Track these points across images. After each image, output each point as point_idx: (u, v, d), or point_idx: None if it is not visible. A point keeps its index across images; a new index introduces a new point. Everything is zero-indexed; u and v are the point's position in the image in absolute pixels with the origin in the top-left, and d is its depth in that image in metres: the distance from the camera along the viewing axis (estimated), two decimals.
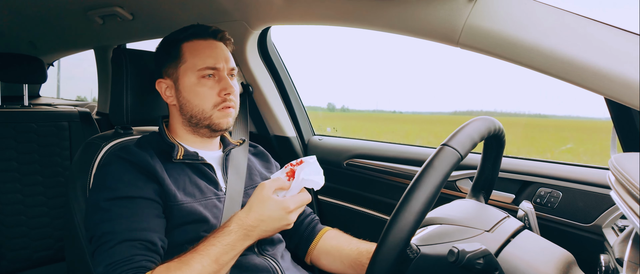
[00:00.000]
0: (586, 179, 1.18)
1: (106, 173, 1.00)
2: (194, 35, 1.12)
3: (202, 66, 1.09)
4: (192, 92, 1.09)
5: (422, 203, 0.64)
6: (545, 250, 0.82)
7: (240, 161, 1.20)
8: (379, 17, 1.15)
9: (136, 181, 0.98)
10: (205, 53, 1.10)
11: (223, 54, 1.12)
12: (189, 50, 1.11)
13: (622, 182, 0.68)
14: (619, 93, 0.80)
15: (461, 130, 0.72)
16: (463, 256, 0.65)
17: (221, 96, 1.09)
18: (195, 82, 1.09)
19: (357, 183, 1.69)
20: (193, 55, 1.10)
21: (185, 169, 1.08)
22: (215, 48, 1.12)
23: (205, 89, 1.09)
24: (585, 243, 1.14)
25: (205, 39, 1.12)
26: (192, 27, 1.14)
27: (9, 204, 1.95)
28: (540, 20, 0.90)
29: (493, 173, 1.00)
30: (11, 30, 2.43)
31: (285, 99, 1.85)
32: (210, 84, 1.09)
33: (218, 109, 1.10)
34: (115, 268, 0.88)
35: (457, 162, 0.66)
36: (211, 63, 1.09)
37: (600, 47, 0.83)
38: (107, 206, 0.95)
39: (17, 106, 2.12)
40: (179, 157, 1.07)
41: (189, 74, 1.10)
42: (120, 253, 0.89)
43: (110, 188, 0.97)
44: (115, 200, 0.96)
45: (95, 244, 0.93)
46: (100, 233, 0.93)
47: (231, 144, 1.23)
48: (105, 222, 0.93)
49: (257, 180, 1.22)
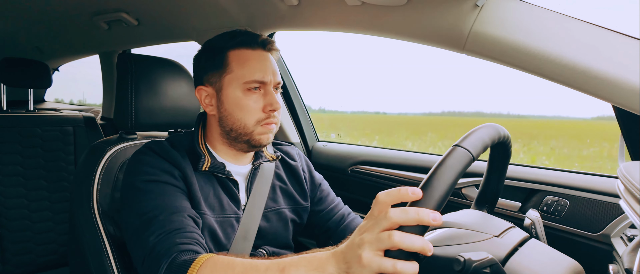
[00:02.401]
0: (594, 188, 1.17)
1: (141, 160, 0.98)
2: (243, 44, 1.04)
3: (250, 79, 1.01)
4: (236, 105, 1.02)
5: (435, 201, 0.63)
6: (553, 260, 0.81)
7: (267, 179, 1.14)
8: (384, 24, 1.15)
9: (170, 173, 0.97)
10: (253, 65, 1.02)
11: (271, 67, 1.05)
12: (236, 59, 1.03)
13: (632, 191, 0.67)
14: (625, 100, 0.79)
15: (473, 133, 0.71)
16: (469, 265, 0.64)
17: (266, 111, 1.02)
18: (240, 96, 1.02)
19: (362, 190, 1.68)
20: (240, 66, 1.02)
21: (211, 179, 1.04)
22: (264, 60, 1.04)
23: (250, 103, 1.01)
24: (594, 252, 1.13)
25: (254, 49, 1.04)
26: (241, 34, 1.05)
27: (13, 208, 1.96)
28: (546, 27, 0.89)
29: (499, 183, 0.99)
30: (17, 35, 2.44)
31: (290, 106, 1.85)
32: (256, 98, 1.02)
33: (261, 125, 1.03)
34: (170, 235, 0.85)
35: (469, 163, 0.65)
36: (259, 77, 1.01)
37: (606, 54, 0.82)
38: (146, 187, 0.93)
39: (22, 111, 2.14)
40: (205, 168, 1.02)
41: (234, 86, 1.02)
42: (175, 223, 0.87)
43: (147, 173, 0.95)
44: (152, 182, 0.94)
45: (140, 220, 0.89)
46: (144, 210, 0.90)
47: (264, 157, 1.16)
48: (147, 201, 0.91)
49: (281, 203, 1.16)
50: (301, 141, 1.88)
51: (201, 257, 0.79)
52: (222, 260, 0.77)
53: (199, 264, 0.77)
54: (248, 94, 1.02)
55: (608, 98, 0.82)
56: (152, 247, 0.84)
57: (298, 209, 1.19)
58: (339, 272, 0.65)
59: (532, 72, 0.92)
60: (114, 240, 1.09)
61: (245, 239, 1.04)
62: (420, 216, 0.59)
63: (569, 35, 0.87)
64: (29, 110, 2.20)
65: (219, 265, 0.76)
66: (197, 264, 0.77)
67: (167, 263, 0.80)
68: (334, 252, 0.67)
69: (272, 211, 1.12)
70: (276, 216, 1.13)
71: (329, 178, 1.84)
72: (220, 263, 0.77)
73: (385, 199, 0.64)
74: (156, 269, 0.81)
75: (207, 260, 0.78)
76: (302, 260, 0.69)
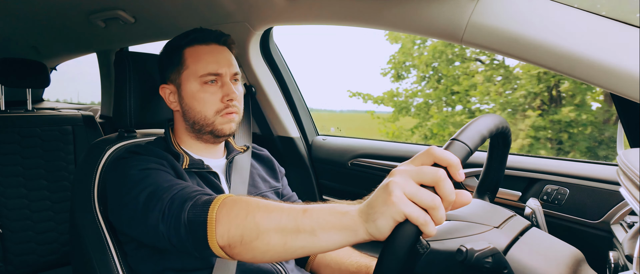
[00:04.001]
0: (594, 176, 1.17)
1: (127, 160, 0.99)
2: (196, 41, 1.10)
3: (204, 72, 1.07)
4: (194, 98, 1.08)
5: None
6: (553, 248, 0.81)
7: (244, 168, 1.19)
8: (382, 16, 1.15)
9: (161, 163, 0.99)
10: (207, 59, 1.08)
11: (226, 59, 1.10)
12: (190, 56, 1.09)
13: (632, 178, 0.68)
14: (624, 88, 0.80)
15: (470, 125, 0.72)
16: (471, 255, 0.65)
17: (224, 102, 1.08)
18: (198, 89, 1.08)
19: (362, 183, 1.69)
20: (195, 62, 1.08)
21: (193, 176, 1.08)
22: (217, 53, 1.10)
23: (208, 95, 1.07)
24: (594, 240, 1.13)
25: (207, 44, 1.10)
26: (193, 32, 1.12)
27: (14, 209, 1.96)
28: (544, 17, 0.89)
29: (499, 173, 1.00)
30: (14, 35, 2.43)
31: (289, 100, 1.85)
32: (213, 90, 1.08)
33: (221, 115, 1.08)
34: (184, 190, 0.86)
35: (467, 156, 0.66)
36: (213, 69, 1.07)
37: (604, 42, 0.82)
38: (141, 174, 0.94)
39: (21, 111, 2.13)
40: (185, 166, 1.06)
41: (191, 80, 1.08)
42: (184, 185, 0.88)
43: (138, 165, 0.96)
44: (147, 170, 0.95)
45: (147, 192, 0.89)
46: (147, 185, 0.91)
47: (235, 150, 1.22)
48: (148, 179, 0.92)
49: (261, 187, 1.21)
50: (301, 135, 1.88)
51: (221, 195, 0.80)
52: (246, 197, 0.78)
53: (223, 197, 0.79)
54: (205, 87, 1.07)
55: (607, 86, 0.82)
56: (171, 198, 0.85)
57: (276, 190, 1.26)
58: (359, 217, 0.61)
59: (531, 62, 0.92)
60: (116, 237, 1.09)
61: None
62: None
63: (567, 24, 0.87)
64: (28, 110, 2.20)
65: (243, 199, 0.77)
66: (221, 198, 0.79)
67: (191, 204, 0.81)
68: (361, 202, 0.64)
69: (255, 196, 1.16)
70: None
71: (329, 172, 1.85)
72: (245, 198, 0.77)
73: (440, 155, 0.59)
74: (180, 211, 0.81)
75: (232, 197, 0.79)
76: (326, 205, 0.67)
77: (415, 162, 0.61)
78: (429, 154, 0.60)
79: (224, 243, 0.74)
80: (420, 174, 0.58)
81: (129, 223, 0.93)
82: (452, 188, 0.57)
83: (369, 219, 0.60)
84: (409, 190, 0.57)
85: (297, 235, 0.66)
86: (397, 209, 0.56)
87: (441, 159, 0.59)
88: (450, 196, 0.57)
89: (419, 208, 0.56)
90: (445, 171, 0.58)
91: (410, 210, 0.56)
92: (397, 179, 0.58)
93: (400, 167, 0.61)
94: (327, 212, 0.65)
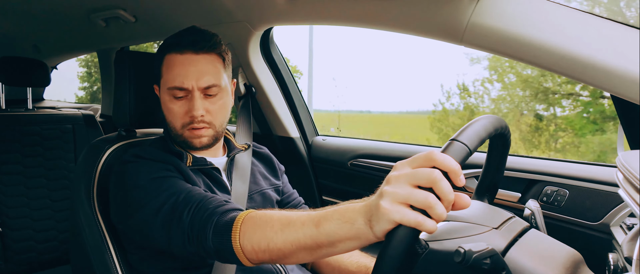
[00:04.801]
0: (593, 177, 1.17)
1: (134, 165, 0.99)
2: (172, 47, 1.04)
3: (171, 85, 1.03)
4: (165, 108, 1.07)
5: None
6: (552, 249, 0.81)
7: (245, 166, 1.19)
8: (382, 16, 1.15)
9: (166, 168, 0.99)
10: (176, 71, 1.03)
11: (197, 71, 1.02)
12: (165, 64, 1.05)
13: (631, 180, 0.68)
14: (624, 89, 0.79)
15: (469, 126, 0.71)
16: (469, 256, 0.65)
17: (188, 116, 1.04)
18: (168, 99, 1.05)
19: (362, 183, 1.69)
20: (167, 71, 1.05)
21: (198, 174, 1.07)
22: (188, 65, 1.02)
23: (175, 108, 1.05)
24: (593, 241, 1.13)
25: (181, 53, 1.03)
26: (173, 37, 1.06)
27: (14, 207, 1.96)
28: (544, 18, 0.89)
29: (498, 174, 0.99)
30: (15, 34, 2.44)
31: (289, 100, 1.85)
32: (181, 103, 1.04)
33: (187, 129, 1.05)
34: (201, 205, 0.86)
35: (466, 157, 0.66)
36: (179, 83, 1.02)
37: (604, 43, 0.82)
38: (152, 184, 0.94)
39: (21, 109, 2.13)
40: (188, 164, 1.05)
41: (164, 90, 1.06)
42: (198, 196, 0.88)
43: (147, 172, 0.96)
44: (158, 179, 0.95)
45: (163, 210, 0.89)
46: (161, 200, 0.90)
47: (236, 148, 1.21)
48: (160, 192, 0.91)
49: (262, 184, 1.21)
50: (300, 135, 1.88)
51: (241, 215, 0.80)
52: (260, 216, 0.78)
53: (240, 221, 0.79)
54: (173, 100, 1.05)
55: (607, 87, 0.82)
56: (190, 223, 0.85)
57: (276, 188, 1.26)
58: (365, 223, 0.62)
59: (531, 63, 0.92)
60: (116, 236, 1.10)
61: None
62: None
63: (567, 25, 0.87)
64: (28, 109, 2.20)
65: (258, 221, 0.77)
66: (238, 222, 0.79)
67: (212, 227, 0.81)
68: (364, 204, 0.64)
69: (256, 193, 1.17)
70: (261, 197, 1.18)
71: (329, 172, 1.85)
72: (259, 219, 0.78)
73: (440, 160, 0.58)
74: (204, 239, 0.82)
75: (247, 217, 0.79)
76: (335, 213, 0.67)
77: (413, 163, 0.61)
78: (429, 158, 0.59)
79: (256, 261, 0.78)
80: (415, 176, 0.58)
81: (141, 232, 0.94)
82: (450, 188, 0.57)
83: (371, 224, 0.61)
84: (400, 196, 0.57)
85: (318, 249, 0.69)
86: (387, 218, 0.57)
87: (441, 164, 0.58)
88: (448, 195, 0.57)
89: (411, 211, 0.56)
90: (441, 172, 0.57)
91: (400, 216, 0.56)
92: (387, 189, 0.59)
93: (396, 171, 0.61)
94: (336, 224, 0.66)
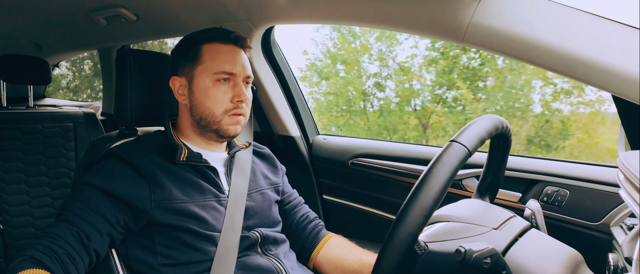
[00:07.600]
0: (594, 178, 1.17)
1: (103, 164, 1.04)
2: (215, 38, 1.11)
3: (219, 70, 1.08)
4: (205, 94, 1.09)
5: (431, 198, 0.63)
6: (553, 249, 0.81)
7: (245, 164, 1.20)
8: (383, 15, 1.15)
9: (123, 178, 1.00)
10: (224, 58, 1.09)
11: (241, 61, 1.12)
12: (208, 52, 1.10)
13: (631, 180, 0.68)
14: (625, 90, 0.79)
15: (469, 127, 0.71)
16: (470, 256, 0.65)
17: (234, 102, 1.09)
18: (210, 85, 1.08)
19: (362, 183, 1.69)
20: (212, 58, 1.09)
21: (188, 170, 1.07)
22: (235, 54, 1.11)
23: (219, 93, 1.08)
24: (594, 241, 1.13)
25: (225, 44, 1.12)
26: (214, 30, 1.13)
27: (15, 205, 1.96)
28: (545, 18, 0.89)
29: (499, 173, 1.00)
30: (16, 32, 2.44)
31: (289, 99, 1.85)
32: (225, 88, 1.09)
33: (228, 115, 1.09)
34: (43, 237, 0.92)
35: (465, 158, 0.66)
36: (229, 68, 1.08)
37: (605, 44, 0.82)
38: (81, 189, 1.00)
39: (23, 107, 2.13)
40: (182, 158, 1.06)
41: (204, 76, 1.09)
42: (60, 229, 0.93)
43: (94, 175, 1.01)
44: (89, 186, 0.99)
45: (58, 218, 0.97)
46: (66, 208, 0.97)
47: (237, 146, 1.22)
48: (77, 201, 0.97)
49: (262, 184, 1.21)
50: (301, 134, 1.88)
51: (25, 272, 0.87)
52: None
53: None
54: (217, 85, 1.08)
55: (608, 88, 0.82)
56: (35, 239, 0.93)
57: (276, 187, 1.26)
58: None
59: (531, 63, 0.92)
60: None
61: (233, 220, 1.08)
62: None
63: (568, 25, 0.87)
64: (29, 106, 2.20)
65: None
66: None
67: (16, 262, 0.90)
68: None
69: (256, 192, 1.18)
70: (260, 196, 1.18)
71: (330, 171, 1.85)
72: None
73: None
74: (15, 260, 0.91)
75: None
76: None
77: None
78: None
79: None
80: None
81: None
82: None
83: None
84: None
85: None
86: None
87: None
88: None
89: None
90: None
91: None
92: None
93: None
94: None
